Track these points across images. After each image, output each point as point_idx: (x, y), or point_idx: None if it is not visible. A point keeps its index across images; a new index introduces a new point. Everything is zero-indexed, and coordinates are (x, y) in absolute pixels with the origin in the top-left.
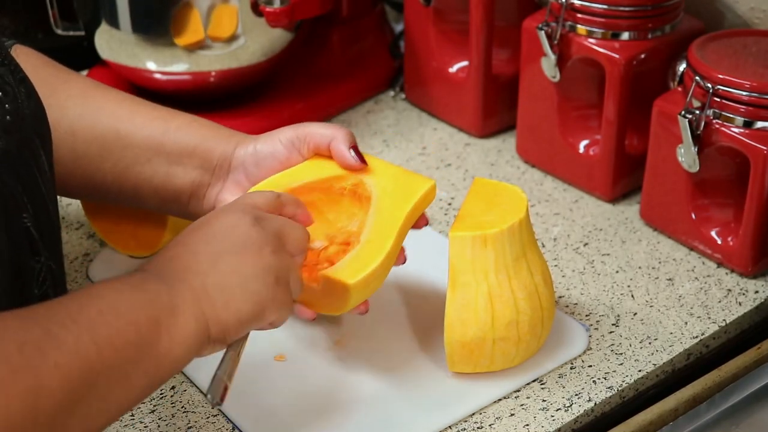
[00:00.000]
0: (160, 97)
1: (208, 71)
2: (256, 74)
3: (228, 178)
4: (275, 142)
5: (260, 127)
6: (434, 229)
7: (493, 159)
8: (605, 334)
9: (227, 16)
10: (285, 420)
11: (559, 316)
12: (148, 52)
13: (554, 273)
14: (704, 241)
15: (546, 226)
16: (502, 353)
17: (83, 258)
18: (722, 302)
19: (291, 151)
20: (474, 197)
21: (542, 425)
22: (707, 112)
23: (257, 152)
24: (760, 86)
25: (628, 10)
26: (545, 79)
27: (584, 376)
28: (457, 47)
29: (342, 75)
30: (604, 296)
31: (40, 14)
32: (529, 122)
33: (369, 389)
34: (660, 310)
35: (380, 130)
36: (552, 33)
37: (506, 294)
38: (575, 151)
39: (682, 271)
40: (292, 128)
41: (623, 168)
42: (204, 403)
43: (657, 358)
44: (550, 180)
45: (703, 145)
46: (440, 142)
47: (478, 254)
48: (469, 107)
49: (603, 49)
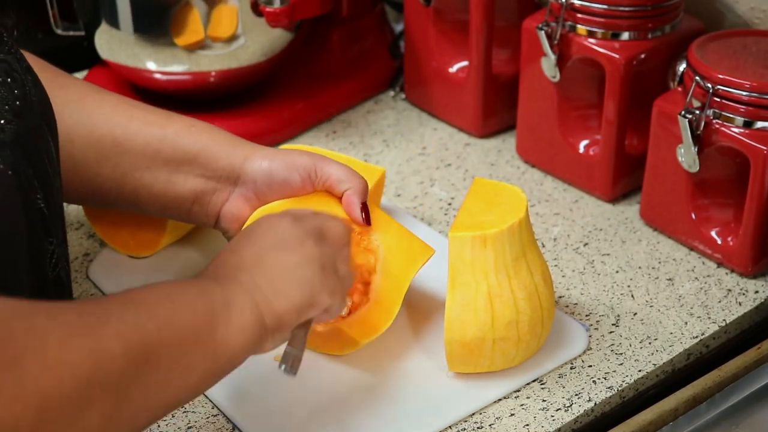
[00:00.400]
0: (160, 97)
1: (208, 71)
2: (256, 74)
3: (235, 190)
4: (291, 171)
5: (260, 127)
6: (434, 229)
7: (493, 159)
8: (605, 334)
9: (227, 16)
10: (285, 420)
11: (559, 316)
12: (148, 52)
13: (554, 273)
14: (704, 241)
15: (546, 226)
16: (502, 353)
17: (83, 258)
18: (722, 302)
19: (305, 182)
20: (474, 197)
21: (542, 425)
22: (707, 112)
23: (272, 175)
24: (760, 86)
25: (628, 10)
26: (545, 79)
27: (584, 376)
28: (457, 47)
29: (342, 75)
30: (604, 296)
31: (40, 14)
32: (529, 122)
33: (369, 389)
34: (660, 310)
35: (380, 130)
36: (552, 33)
37: (506, 294)
38: (575, 151)
39: (682, 271)
40: (309, 157)
41: (623, 168)
42: (204, 403)
43: (657, 358)
44: (550, 180)
45: (703, 145)
46: (440, 142)
47: (478, 254)
48: (469, 107)
49: (603, 49)
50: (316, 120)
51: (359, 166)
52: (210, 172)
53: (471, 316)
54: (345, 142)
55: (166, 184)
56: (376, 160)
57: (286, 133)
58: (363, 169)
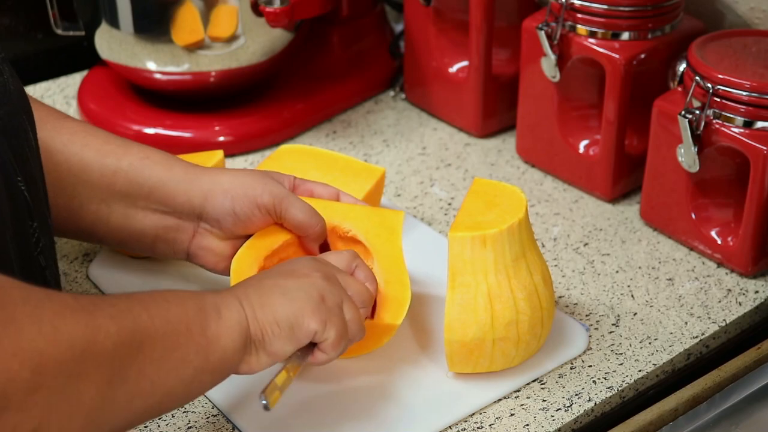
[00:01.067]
0: (160, 97)
1: (208, 71)
2: (256, 74)
3: (200, 225)
4: (254, 209)
5: (260, 127)
6: (434, 229)
7: (493, 159)
8: (605, 334)
9: (227, 16)
10: (285, 420)
11: (559, 316)
12: (148, 52)
13: (554, 273)
14: (704, 241)
15: (546, 226)
16: (502, 353)
17: (83, 258)
18: (722, 302)
19: (265, 217)
20: (474, 197)
21: (542, 425)
22: (707, 112)
23: (236, 214)
24: (760, 86)
25: (628, 10)
26: (545, 79)
27: (584, 376)
28: (457, 47)
29: (342, 75)
30: (604, 296)
31: (40, 14)
32: (529, 122)
33: (369, 389)
34: (660, 310)
35: (380, 130)
36: (552, 33)
37: (506, 294)
38: (575, 151)
39: (682, 271)
40: (270, 196)
41: (623, 168)
42: (204, 403)
43: (657, 358)
44: (550, 180)
45: (703, 145)
46: (440, 142)
47: (478, 254)
48: (469, 107)
49: (603, 49)
50: (316, 120)
51: (359, 166)
52: (168, 207)
53: (471, 316)
54: (345, 142)
55: (124, 219)
56: (376, 160)
57: (286, 133)
58: (363, 169)
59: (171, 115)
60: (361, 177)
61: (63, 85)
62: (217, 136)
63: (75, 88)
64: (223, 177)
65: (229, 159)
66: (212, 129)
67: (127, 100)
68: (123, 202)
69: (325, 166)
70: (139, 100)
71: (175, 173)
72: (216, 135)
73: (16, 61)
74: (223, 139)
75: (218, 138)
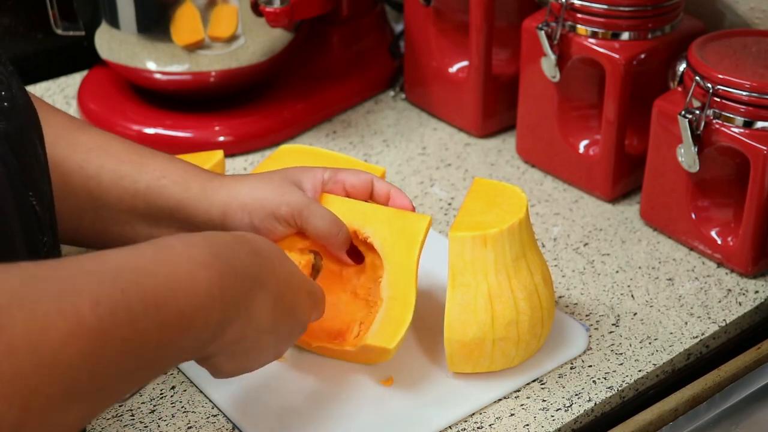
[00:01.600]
0: (160, 97)
1: (208, 71)
2: (256, 74)
3: None
4: (273, 222)
5: (260, 127)
6: (434, 229)
7: (493, 159)
8: (605, 334)
9: (227, 16)
10: (285, 420)
11: (559, 316)
12: (148, 52)
13: (554, 273)
14: (704, 241)
15: (546, 226)
16: (502, 353)
17: None
18: (722, 302)
19: (287, 228)
20: (474, 197)
21: (542, 425)
22: (707, 112)
23: (255, 229)
24: (760, 86)
25: (628, 10)
26: (545, 79)
27: (584, 376)
28: (457, 47)
29: (342, 75)
30: (604, 296)
31: (40, 14)
32: (529, 122)
33: (369, 389)
34: (660, 310)
35: (380, 130)
36: (552, 33)
37: (506, 294)
38: (575, 151)
39: (682, 271)
40: (287, 205)
41: (623, 168)
42: (204, 403)
43: (657, 358)
44: (550, 180)
45: (703, 145)
46: (440, 142)
47: (478, 254)
48: (469, 107)
49: (603, 49)
50: (316, 120)
51: (359, 166)
52: (192, 226)
53: (471, 316)
54: (345, 142)
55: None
56: (376, 160)
57: (286, 133)
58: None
59: (171, 115)
60: None
61: (63, 85)
62: (217, 136)
63: (75, 88)
64: (241, 190)
65: (229, 159)
66: (212, 129)
67: (127, 100)
68: (146, 222)
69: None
70: (139, 100)
71: (193, 193)
72: (216, 135)
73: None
74: (223, 139)
75: (218, 138)
